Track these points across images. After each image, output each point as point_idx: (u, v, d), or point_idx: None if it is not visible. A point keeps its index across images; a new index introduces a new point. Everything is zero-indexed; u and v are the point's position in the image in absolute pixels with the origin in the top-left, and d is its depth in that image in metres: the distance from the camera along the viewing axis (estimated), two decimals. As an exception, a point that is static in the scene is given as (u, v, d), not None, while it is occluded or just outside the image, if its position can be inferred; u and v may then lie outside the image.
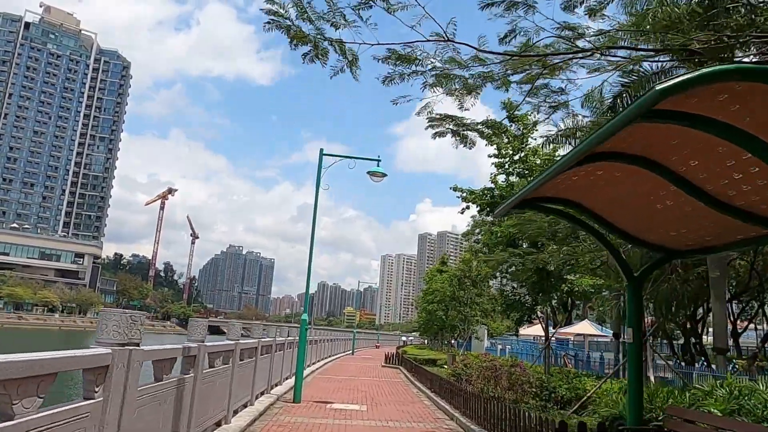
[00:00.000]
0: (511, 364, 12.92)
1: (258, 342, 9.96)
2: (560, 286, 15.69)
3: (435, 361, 24.73)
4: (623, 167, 4.59)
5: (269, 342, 11.46)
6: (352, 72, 8.43)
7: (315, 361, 22.99)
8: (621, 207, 5.32)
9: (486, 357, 14.33)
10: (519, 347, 40.38)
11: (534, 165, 16.67)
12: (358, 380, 18.51)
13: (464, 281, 34.94)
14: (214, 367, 7.01)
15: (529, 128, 17.32)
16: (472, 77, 7.93)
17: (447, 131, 9.08)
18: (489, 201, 17.57)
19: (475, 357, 14.52)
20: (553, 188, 5.57)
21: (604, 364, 22.11)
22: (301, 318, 12.22)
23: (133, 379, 4.10)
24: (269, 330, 11.99)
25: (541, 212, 7.90)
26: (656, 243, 5.47)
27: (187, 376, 5.81)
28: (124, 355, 3.96)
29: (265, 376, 11.39)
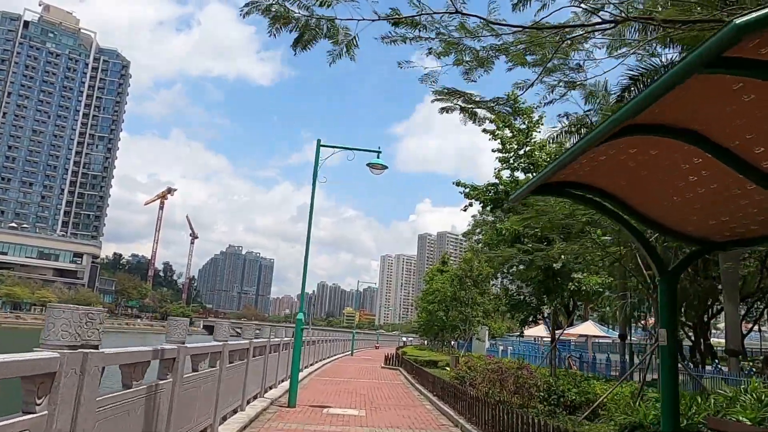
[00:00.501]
0: (518, 367, 12.30)
1: (250, 343, 9.33)
2: (567, 285, 15.06)
3: (436, 362, 24.11)
4: (662, 143, 3.97)
5: (262, 343, 10.85)
6: (350, 55, 7.80)
7: (313, 363, 22.38)
8: (654, 193, 4.70)
9: (490, 359, 13.70)
10: (521, 348, 39.82)
11: (539, 160, 16.01)
12: (357, 382, 17.89)
13: (465, 281, 34.32)
14: (198, 370, 6.39)
15: (534, 123, 16.67)
16: (483, 49, 7.30)
17: (455, 107, 8.44)
18: (493, 197, 16.91)
19: (479, 359, 13.89)
20: (575, 172, 4.95)
21: (611, 367, 21.50)
22: (296, 317, 11.61)
23: (89, 388, 3.48)
24: (263, 330, 11.37)
25: (562, 197, 7.28)
26: (692, 234, 4.86)
27: (164, 382, 5.19)
28: (76, 360, 3.34)
29: (259, 379, 10.77)
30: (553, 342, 15.79)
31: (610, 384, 14.46)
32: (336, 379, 18.76)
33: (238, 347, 8.61)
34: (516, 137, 16.52)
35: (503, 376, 11.26)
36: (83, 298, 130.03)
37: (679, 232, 4.87)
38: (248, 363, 9.26)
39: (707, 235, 4.79)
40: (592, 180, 5.04)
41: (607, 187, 5.08)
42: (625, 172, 4.69)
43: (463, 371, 12.86)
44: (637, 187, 4.76)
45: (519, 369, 11.89)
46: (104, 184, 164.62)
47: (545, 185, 5.14)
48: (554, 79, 7.72)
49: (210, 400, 6.95)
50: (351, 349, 41.80)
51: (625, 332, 23.58)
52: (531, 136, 16.64)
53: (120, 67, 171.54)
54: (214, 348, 7.16)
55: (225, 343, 7.41)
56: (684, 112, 3.59)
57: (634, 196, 4.94)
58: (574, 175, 5.03)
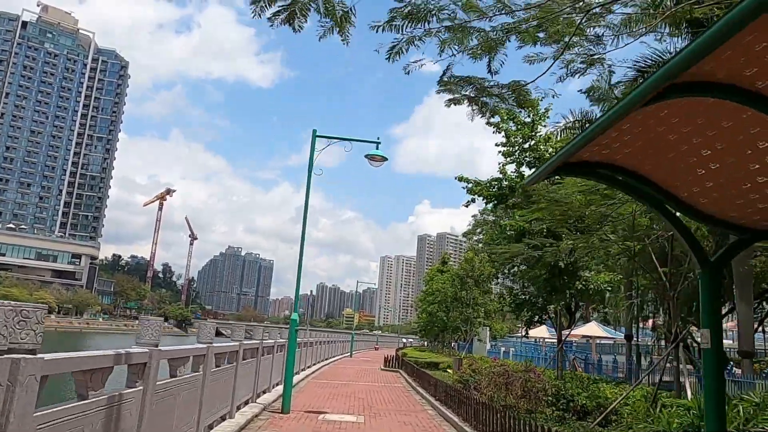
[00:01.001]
0: (524, 369, 11.66)
1: (239, 345, 8.69)
2: (574, 283, 14.43)
3: (437, 364, 23.46)
4: (712, 109, 3.33)
5: (254, 345, 10.20)
6: (342, 33, 7.18)
7: (311, 365, 21.73)
8: (695, 172, 4.06)
9: (495, 361, 13.06)
10: (522, 350, 39.18)
11: (545, 154, 15.40)
12: (356, 385, 17.25)
13: (466, 281, 33.67)
14: (177, 376, 5.75)
15: (540, 115, 16.05)
16: (494, 30, 6.67)
17: (462, 98, 7.82)
18: (496, 193, 16.28)
19: (484, 361, 13.24)
20: (603, 149, 4.32)
21: (618, 368, 20.85)
22: (290, 318, 10.95)
23: (22, 402, 2.84)
24: (255, 331, 10.72)
25: (587, 178, 6.64)
26: (737, 220, 4.22)
27: (132, 391, 4.55)
28: (2, 368, 2.71)
29: (250, 383, 10.12)
30: (560, 343, 15.16)
31: (620, 387, 13.82)
32: (334, 381, 18.11)
33: (226, 350, 7.97)
34: (521, 130, 15.90)
35: (510, 380, 10.62)
36: (81, 299, 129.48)
37: (722, 218, 4.24)
38: (238, 366, 8.61)
39: (756, 222, 4.16)
40: (623, 159, 4.41)
41: (639, 168, 4.44)
42: (660, 148, 4.05)
43: (467, 374, 12.22)
44: (675, 165, 4.13)
45: (526, 372, 11.25)
46: (103, 184, 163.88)
47: (568, 165, 4.51)
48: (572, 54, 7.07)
49: (192, 408, 6.31)
50: (350, 350, 41.13)
51: (631, 333, 22.96)
52: (536, 130, 16.03)
53: (119, 68, 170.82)
54: (197, 351, 6.52)
55: (209, 346, 6.76)
56: (746, 66, 2.96)
57: (670, 177, 4.30)
58: (602, 152, 4.40)
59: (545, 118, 16.18)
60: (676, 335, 9.82)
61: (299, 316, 11.32)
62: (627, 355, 22.63)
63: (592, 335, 33.70)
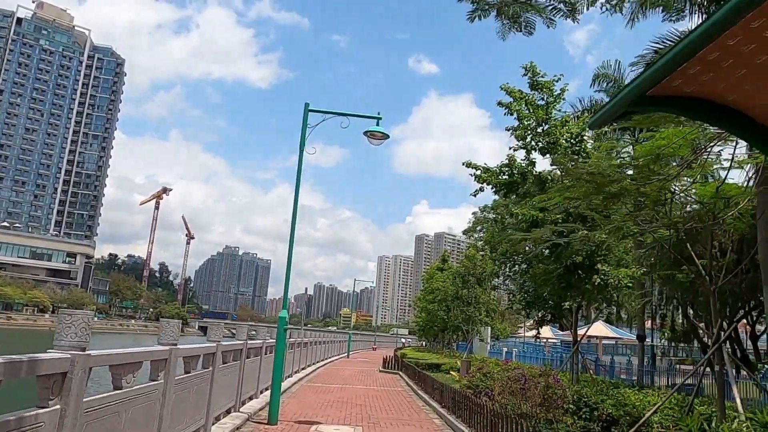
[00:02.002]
0: (540, 373, 10.41)
1: (217, 347, 7.42)
2: (591, 279, 13.18)
3: (439, 365, 22.20)
4: None
5: (236, 347, 8.94)
6: None
7: (305, 366, 20.48)
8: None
9: (507, 364, 11.82)
10: (525, 350, 37.99)
11: (560, 139, 14.15)
12: (353, 389, 16.01)
13: (468, 278, 32.45)
14: (122, 388, 4.49)
15: (556, 97, 14.81)
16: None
17: (491, 8, 6.61)
18: (507, 181, 15.02)
19: (494, 364, 11.99)
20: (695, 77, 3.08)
21: (633, 371, 19.58)
22: (279, 316, 9.69)
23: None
24: (239, 330, 9.47)
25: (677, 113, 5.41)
26: None
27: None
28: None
29: (232, 391, 8.86)
30: (575, 344, 13.91)
31: (643, 392, 12.61)
32: (329, 385, 16.85)
33: (197, 352, 6.70)
34: (534, 113, 14.65)
35: (526, 386, 9.38)
36: (76, 298, 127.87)
37: None
38: (215, 371, 7.35)
39: None
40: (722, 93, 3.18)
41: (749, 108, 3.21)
42: None
43: (478, 379, 10.98)
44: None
45: (543, 376, 10.01)
46: (98, 183, 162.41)
47: (646, 98, 3.26)
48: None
49: (148, 425, 5.06)
50: (347, 350, 39.88)
51: (644, 333, 21.73)
52: (551, 113, 14.78)
53: (114, 65, 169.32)
54: (157, 354, 5.26)
55: (173, 348, 5.49)
56: None
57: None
58: (691, 82, 3.16)
59: (560, 100, 14.93)
60: (718, 335, 8.59)
61: (295, 315, 10.06)
62: (639, 356, 21.39)
63: (598, 335, 32.44)
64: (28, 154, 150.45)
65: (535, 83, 14.91)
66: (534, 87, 14.94)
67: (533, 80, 14.98)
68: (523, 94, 14.93)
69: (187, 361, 6.25)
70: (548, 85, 14.84)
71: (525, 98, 15.00)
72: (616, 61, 22.65)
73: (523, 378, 9.36)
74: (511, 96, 15.09)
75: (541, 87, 14.83)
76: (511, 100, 15.04)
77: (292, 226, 9.87)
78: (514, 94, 15.06)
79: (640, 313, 20.64)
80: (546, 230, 11.15)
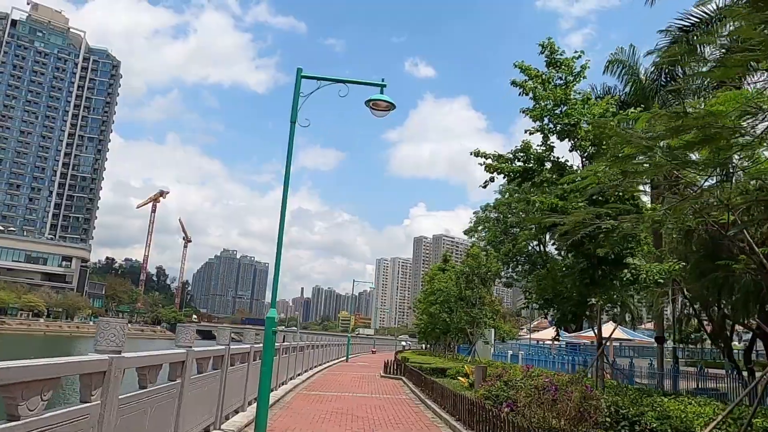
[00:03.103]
0: (569, 380, 9.04)
1: (187, 354, 5.99)
2: (618, 274, 11.81)
3: (444, 370, 20.78)
4: None
5: (215, 352, 7.54)
6: None
7: (301, 372, 19.07)
8: None
9: (529, 370, 10.42)
10: (530, 353, 36.64)
11: (581, 122, 12.77)
12: (353, 398, 14.60)
13: (472, 279, 31.00)
14: (31, 412, 3.10)
15: (576, 75, 13.43)
16: None
17: None
18: (522, 168, 13.64)
19: (517, 371, 10.57)
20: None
21: (655, 376, 18.14)
22: (266, 316, 8.30)
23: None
24: (220, 333, 8.07)
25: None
26: None
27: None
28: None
29: (210, 406, 7.45)
30: (600, 347, 12.53)
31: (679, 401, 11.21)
32: (327, 393, 15.43)
33: (157, 362, 5.27)
34: (552, 92, 13.24)
35: (555, 396, 8.00)
36: (71, 303, 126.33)
37: None
38: (185, 383, 5.94)
39: None
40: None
41: None
42: None
43: (497, 388, 9.55)
44: None
45: (575, 384, 8.64)
46: (94, 186, 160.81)
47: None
48: None
49: None
50: (346, 354, 38.47)
51: (663, 334, 20.37)
52: (569, 93, 13.39)
53: (110, 67, 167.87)
54: (89, 365, 3.86)
55: (115, 358, 4.09)
56: None
57: None
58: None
59: (580, 78, 13.54)
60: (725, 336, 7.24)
61: (293, 319, 8.67)
62: (659, 359, 20.02)
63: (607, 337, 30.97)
64: (23, 157, 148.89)
65: (553, 61, 13.55)
66: (552, 65, 13.58)
67: (551, 58, 13.61)
68: (540, 72, 13.56)
69: (143, 374, 4.85)
70: (567, 62, 13.48)
71: (541, 77, 13.62)
72: (630, 46, 21.34)
73: (552, 387, 7.98)
74: (526, 74, 13.69)
75: (559, 65, 13.47)
76: (525, 79, 13.65)
77: (283, 205, 8.46)
78: (530, 72, 13.67)
79: (658, 313, 19.27)
80: (586, 211, 9.72)
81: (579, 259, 12.33)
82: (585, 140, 13.00)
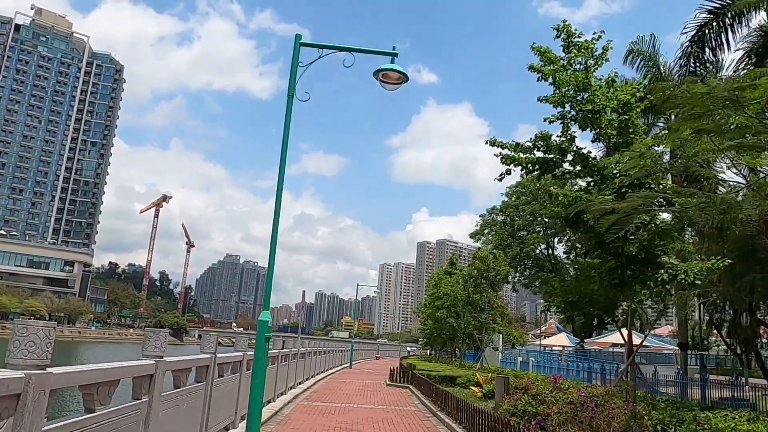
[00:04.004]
0: (606, 393, 7.88)
1: (156, 366, 4.86)
2: (651, 273, 10.66)
3: (453, 378, 19.61)
4: None
5: (200, 362, 6.42)
6: None
7: (301, 380, 17.93)
8: None
9: (557, 381, 9.26)
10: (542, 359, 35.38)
11: (607, 106, 11.65)
12: (359, 410, 13.45)
13: (480, 282, 29.83)
14: None
15: (598, 57, 12.31)
16: None
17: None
18: (540, 159, 12.52)
19: (544, 384, 9.40)
20: None
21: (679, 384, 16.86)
22: (258, 319, 7.18)
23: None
24: (205, 340, 6.94)
25: None
26: None
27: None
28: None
29: (193, 423, 6.32)
30: (631, 356, 11.31)
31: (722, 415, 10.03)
32: (329, 404, 14.27)
33: (115, 376, 4.14)
34: (574, 76, 12.12)
35: (596, 413, 6.86)
36: (73, 307, 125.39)
37: None
38: (152, 402, 4.81)
39: None
40: None
41: None
42: None
43: (525, 402, 8.37)
44: None
45: (611, 397, 7.49)
46: (97, 190, 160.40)
47: None
48: None
49: None
50: (350, 360, 37.28)
51: (686, 340, 19.17)
52: (590, 78, 12.28)
53: (113, 72, 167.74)
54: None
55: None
56: None
57: None
58: None
59: (602, 61, 12.42)
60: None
61: (294, 324, 7.54)
62: (683, 367, 18.81)
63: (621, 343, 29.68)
64: (26, 161, 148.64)
65: (570, 44, 12.42)
66: (570, 48, 12.45)
67: (568, 41, 12.48)
68: (559, 57, 12.43)
69: (89, 393, 3.73)
70: (587, 45, 12.33)
71: (559, 62, 12.50)
72: (651, 36, 20.20)
73: (592, 404, 6.83)
74: (545, 59, 12.56)
75: (578, 49, 12.35)
76: (543, 63, 12.53)
77: (279, 192, 7.36)
78: (549, 55, 12.54)
79: (682, 317, 18.07)
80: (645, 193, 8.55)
81: (607, 257, 11.20)
82: (610, 128, 11.88)
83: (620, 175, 11.04)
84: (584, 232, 11.52)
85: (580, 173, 12.11)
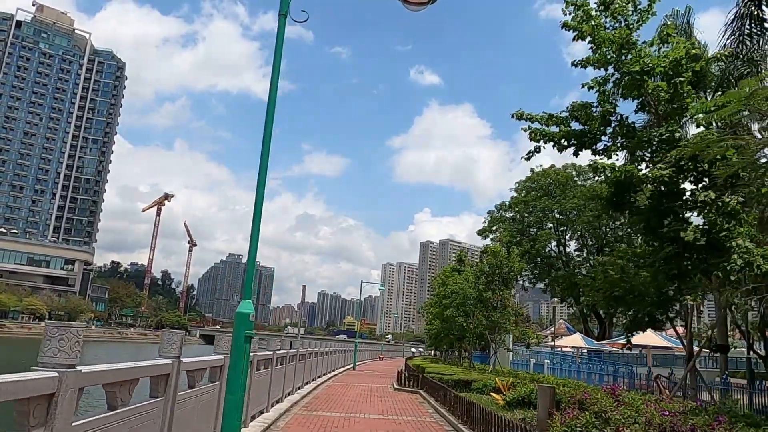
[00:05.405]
0: (684, 410, 6.10)
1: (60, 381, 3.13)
2: (717, 262, 8.91)
3: (468, 383, 17.80)
4: None
5: (159, 370, 4.66)
6: None
7: (301, 385, 16.16)
8: None
9: (615, 391, 7.46)
10: (556, 361, 33.63)
11: (658, 66, 9.91)
12: (366, 421, 11.68)
13: (493, 279, 27.98)
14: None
15: (642, 14, 10.55)
16: None
17: None
18: (578, 132, 10.75)
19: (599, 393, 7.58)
20: None
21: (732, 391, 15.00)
22: (236, 311, 5.44)
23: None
24: (166, 339, 5.16)
25: None
26: None
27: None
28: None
29: None
30: (691, 360, 9.48)
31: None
32: (332, 414, 12.48)
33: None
34: (618, 33, 10.34)
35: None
36: (73, 305, 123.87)
37: None
38: None
39: None
40: None
41: None
42: None
43: (584, 422, 6.51)
44: None
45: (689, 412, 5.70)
46: (98, 188, 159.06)
47: None
48: None
49: None
50: (353, 361, 35.54)
51: (726, 342, 17.36)
52: (633, 34, 10.50)
53: (115, 69, 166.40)
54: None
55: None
56: None
57: None
58: None
59: (647, 17, 10.64)
60: None
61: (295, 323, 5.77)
62: (722, 371, 17.01)
63: (647, 344, 27.92)
64: (27, 159, 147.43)
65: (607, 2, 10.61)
66: (607, 4, 10.65)
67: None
68: (597, 13, 10.65)
69: None
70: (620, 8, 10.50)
71: (600, 18, 10.73)
72: (686, 9, 18.37)
73: (686, 427, 5.05)
74: (582, 13, 10.75)
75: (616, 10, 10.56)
76: (579, 19, 10.75)
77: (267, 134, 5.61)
78: (587, 8, 10.74)
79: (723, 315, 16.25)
80: None
81: (661, 244, 9.42)
82: (661, 92, 10.09)
83: (677, 145, 9.30)
84: (634, 213, 9.77)
85: (627, 146, 10.36)
